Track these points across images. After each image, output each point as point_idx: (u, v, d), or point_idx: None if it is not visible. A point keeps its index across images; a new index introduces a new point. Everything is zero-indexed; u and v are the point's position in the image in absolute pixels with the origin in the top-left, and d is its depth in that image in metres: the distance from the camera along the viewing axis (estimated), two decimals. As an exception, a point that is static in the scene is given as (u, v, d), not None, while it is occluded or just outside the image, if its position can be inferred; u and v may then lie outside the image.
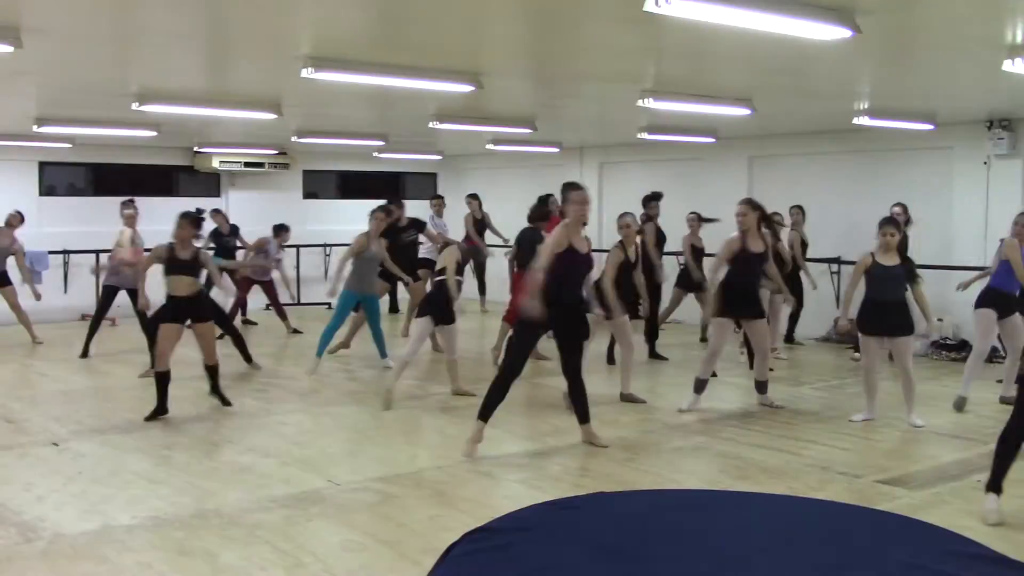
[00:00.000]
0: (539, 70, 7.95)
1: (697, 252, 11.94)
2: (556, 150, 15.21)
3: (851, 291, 8.04)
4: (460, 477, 6.49)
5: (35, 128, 11.03)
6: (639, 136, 12.54)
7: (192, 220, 8.18)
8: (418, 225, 12.38)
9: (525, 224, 10.47)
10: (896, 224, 7.86)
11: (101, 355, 11.15)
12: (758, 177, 14.07)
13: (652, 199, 11.68)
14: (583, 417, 7.20)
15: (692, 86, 8.61)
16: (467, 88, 7.54)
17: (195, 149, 15.53)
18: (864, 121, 10.43)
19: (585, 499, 2.36)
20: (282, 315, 13.03)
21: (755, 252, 8.26)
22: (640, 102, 8.67)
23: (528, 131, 11.52)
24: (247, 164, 15.72)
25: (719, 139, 13.06)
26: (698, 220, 12.01)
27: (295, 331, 12.94)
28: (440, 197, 14.88)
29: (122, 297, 11.07)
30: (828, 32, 5.41)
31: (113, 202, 15.26)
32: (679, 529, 2.29)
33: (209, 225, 11.52)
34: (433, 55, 6.99)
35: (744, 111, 9.39)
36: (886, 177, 12.58)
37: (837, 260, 12.72)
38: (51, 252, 14.15)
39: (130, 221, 10.95)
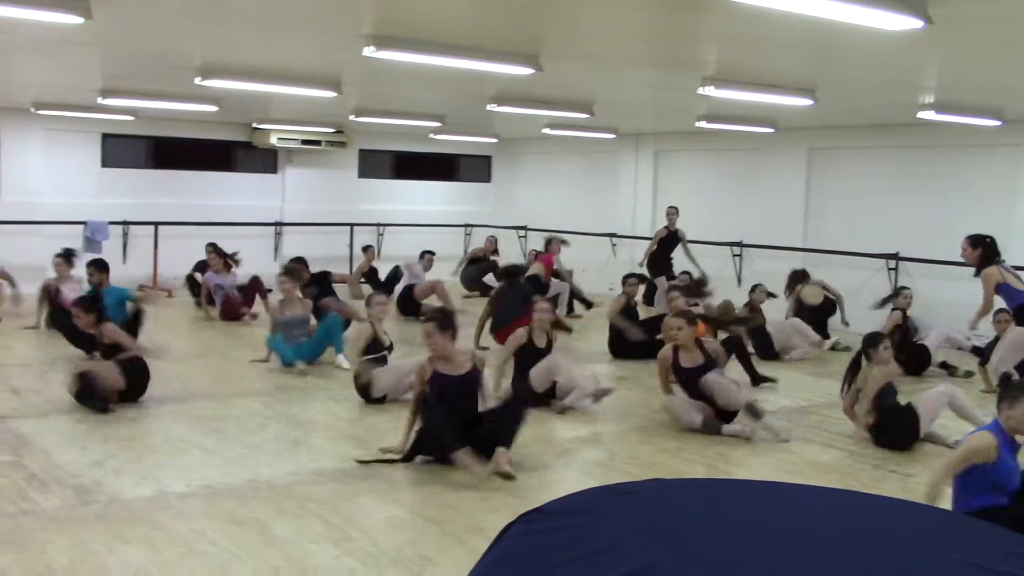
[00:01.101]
0: (600, 54, 7.88)
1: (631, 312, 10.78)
2: (612, 136, 15.12)
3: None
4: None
5: (99, 100, 11.19)
6: (696, 125, 12.41)
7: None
8: (319, 280, 11.54)
9: (575, 214, 10.43)
10: None
11: (157, 328, 11.32)
12: (816, 170, 13.88)
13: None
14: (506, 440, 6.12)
15: (754, 75, 8.50)
16: (527, 71, 7.51)
17: (254, 125, 15.69)
18: (929, 116, 10.21)
19: (642, 485, 2.34)
20: None
21: (688, 367, 7.35)
22: (700, 90, 8.58)
23: (585, 116, 11.45)
24: (304, 141, 15.83)
25: (778, 130, 12.89)
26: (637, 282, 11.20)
27: None
28: (431, 252, 13.81)
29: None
30: (898, 22, 5.30)
31: (173, 175, 15.58)
32: (736, 519, 2.27)
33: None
34: (495, 37, 6.97)
35: (806, 101, 9.25)
36: (948, 174, 12.35)
37: (895, 256, 12.52)
38: (111, 223, 14.39)
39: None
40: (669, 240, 13.26)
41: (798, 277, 11.73)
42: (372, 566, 4.58)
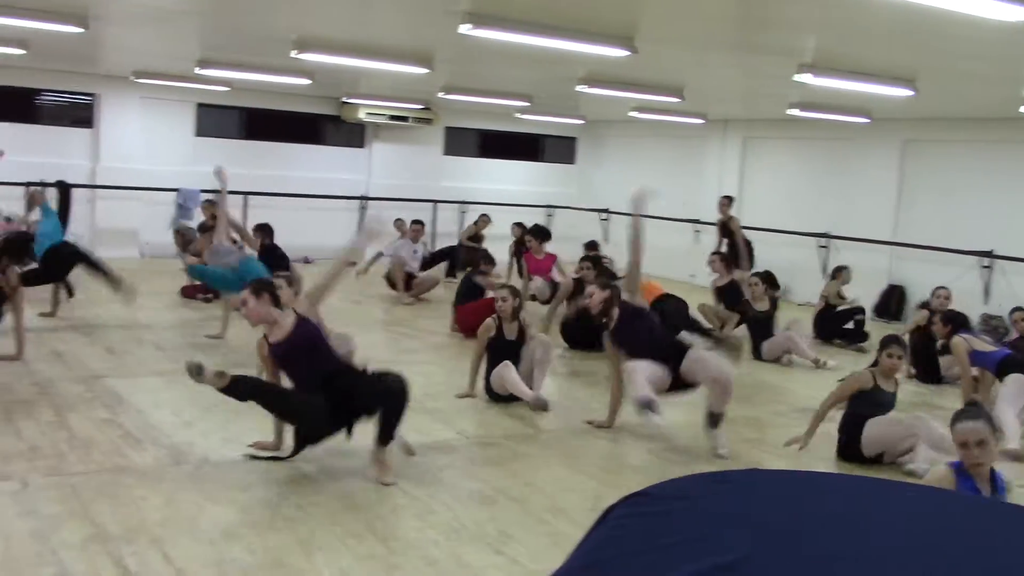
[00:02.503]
0: (695, 38, 7.79)
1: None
2: (701, 122, 14.93)
3: None
4: (587, 443, 6.52)
5: (196, 70, 11.43)
6: (788, 112, 12.19)
7: None
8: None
9: (668, 196, 10.38)
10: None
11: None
12: (910, 162, 13.53)
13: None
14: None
15: (853, 63, 8.31)
16: (622, 52, 7.45)
17: (343, 99, 15.87)
18: (1033, 110, 9.89)
19: (740, 474, 2.33)
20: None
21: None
22: (796, 77, 8.42)
23: (675, 100, 11.33)
24: (392, 117, 15.97)
25: (873, 120, 12.59)
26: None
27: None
28: (419, 223, 13.25)
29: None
30: (1009, 12, 5.13)
31: (263, 146, 15.86)
32: (834, 513, 2.24)
33: None
34: (591, 17, 6.93)
35: (906, 92, 9.02)
36: (1051, 171, 11.95)
37: (989, 254, 12.17)
38: (202, 191, 14.71)
39: None
40: (723, 230, 13.16)
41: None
42: (454, 539, 4.64)
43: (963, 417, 4.36)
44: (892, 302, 13.27)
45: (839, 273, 11.27)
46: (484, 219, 14.73)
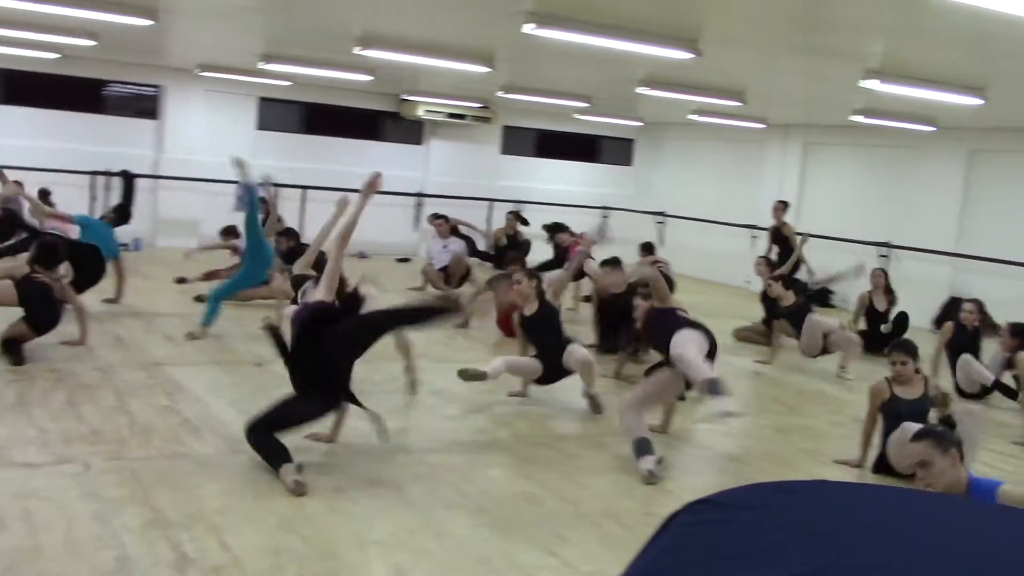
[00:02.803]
0: (759, 41, 7.71)
1: None
2: (761, 126, 14.78)
3: None
4: (640, 445, 6.48)
5: (260, 64, 11.56)
6: (851, 119, 12.01)
7: None
8: None
9: (716, 202, 10.28)
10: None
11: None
12: (976, 172, 13.27)
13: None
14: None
15: (921, 69, 8.16)
16: (686, 55, 7.40)
17: (402, 96, 15.96)
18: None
19: (806, 484, 2.30)
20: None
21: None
22: (862, 82, 8.30)
23: (737, 104, 11.23)
24: (450, 115, 16.02)
25: (939, 128, 12.36)
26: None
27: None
28: (443, 217, 13.07)
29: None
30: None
31: (322, 141, 16.01)
32: (908, 528, 2.20)
33: None
34: (656, 19, 6.89)
35: (975, 101, 8.84)
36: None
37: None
38: (262, 184, 14.89)
39: None
40: (774, 236, 13.02)
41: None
42: (505, 538, 4.64)
43: (913, 436, 4.30)
44: (952, 314, 12.97)
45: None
46: (511, 218, 14.29)
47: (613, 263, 8.73)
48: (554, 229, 12.99)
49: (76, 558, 4.01)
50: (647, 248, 12.50)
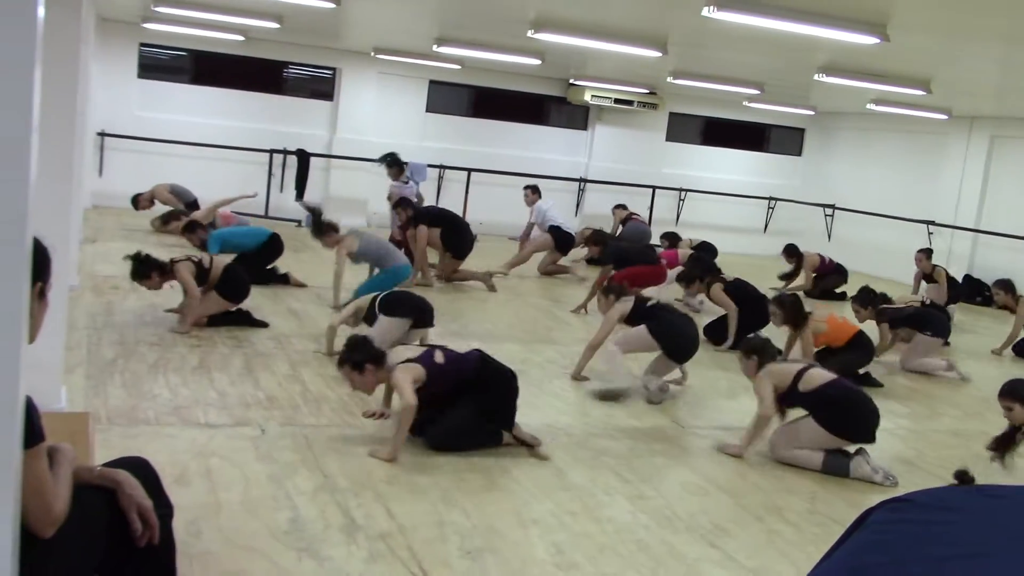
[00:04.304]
0: (952, 25, 7.29)
1: None
2: (944, 117, 14.03)
3: None
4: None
5: (434, 48, 11.76)
6: (1048, 110, 11.28)
7: None
8: None
9: (891, 196, 9.80)
10: None
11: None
12: None
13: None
14: None
15: None
16: (872, 40, 7.08)
17: (570, 81, 15.95)
18: None
19: (1015, 490, 2.15)
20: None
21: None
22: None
23: (921, 93, 10.70)
24: (617, 100, 15.91)
25: None
26: None
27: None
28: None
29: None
30: None
31: (489, 125, 16.19)
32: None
33: None
34: (842, 2, 6.62)
35: None
36: None
37: None
38: (429, 166, 15.20)
39: None
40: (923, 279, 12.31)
41: None
42: (666, 527, 4.58)
43: None
44: None
45: None
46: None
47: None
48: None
49: (252, 516, 4.18)
50: (789, 251, 12.34)
